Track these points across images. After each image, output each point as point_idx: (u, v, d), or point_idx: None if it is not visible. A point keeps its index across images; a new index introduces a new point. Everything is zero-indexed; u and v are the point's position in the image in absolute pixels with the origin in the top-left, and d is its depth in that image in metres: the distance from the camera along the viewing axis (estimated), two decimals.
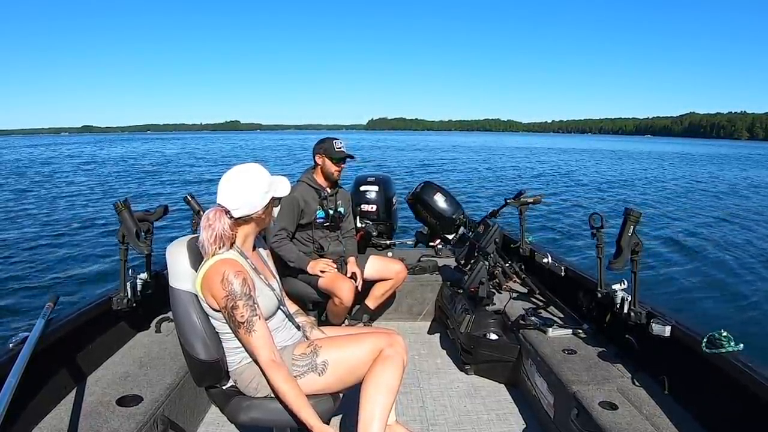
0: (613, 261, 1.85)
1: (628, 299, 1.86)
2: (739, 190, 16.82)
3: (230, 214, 1.35)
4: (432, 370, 2.43)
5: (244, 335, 1.31)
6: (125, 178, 18.07)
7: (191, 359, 1.36)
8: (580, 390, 1.67)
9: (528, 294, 2.67)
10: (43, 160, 28.79)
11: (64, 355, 1.65)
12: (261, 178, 1.40)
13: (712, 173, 24.13)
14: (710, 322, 4.64)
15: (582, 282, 2.30)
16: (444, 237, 3.08)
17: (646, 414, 1.53)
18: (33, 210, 10.63)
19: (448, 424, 1.97)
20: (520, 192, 2.89)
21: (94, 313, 1.82)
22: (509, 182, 17.36)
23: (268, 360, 1.31)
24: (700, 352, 1.46)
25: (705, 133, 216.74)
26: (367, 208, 3.30)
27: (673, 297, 5.43)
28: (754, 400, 1.29)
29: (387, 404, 1.41)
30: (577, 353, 1.97)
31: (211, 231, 1.32)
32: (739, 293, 5.71)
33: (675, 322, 1.67)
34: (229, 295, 1.28)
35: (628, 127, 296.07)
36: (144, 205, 9.05)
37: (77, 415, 1.47)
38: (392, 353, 1.45)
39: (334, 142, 2.54)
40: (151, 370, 1.77)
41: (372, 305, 2.68)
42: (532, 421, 1.99)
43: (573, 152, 43.78)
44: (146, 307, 2.08)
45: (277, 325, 1.46)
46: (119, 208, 1.90)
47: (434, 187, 3.06)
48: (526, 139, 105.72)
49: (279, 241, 2.44)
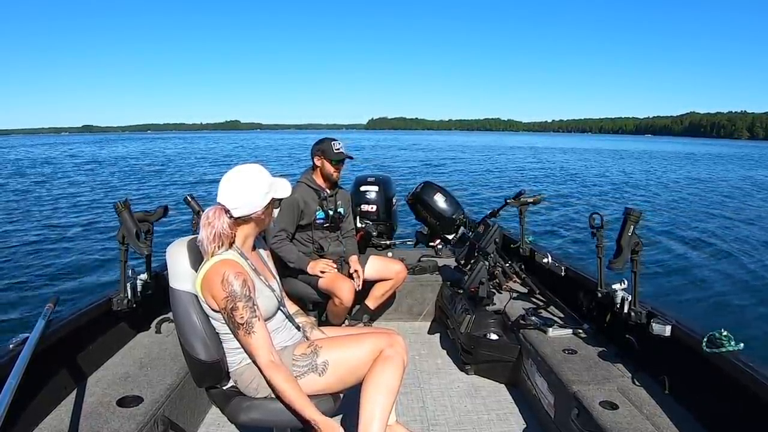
0: (613, 261, 1.85)
1: (628, 299, 1.86)
2: (740, 190, 16.81)
3: (230, 213, 1.36)
4: (432, 370, 2.43)
5: (244, 336, 1.31)
6: (125, 178, 18.08)
7: (191, 360, 1.36)
8: (581, 390, 1.67)
9: (528, 294, 2.67)
10: (43, 160, 28.81)
11: (64, 355, 1.65)
12: (261, 179, 1.40)
13: (713, 173, 24.12)
14: (710, 321, 4.64)
15: (582, 282, 2.30)
16: (444, 237, 3.08)
17: (646, 414, 1.53)
18: (33, 210, 10.63)
19: (449, 424, 1.97)
20: (520, 192, 2.89)
21: (95, 313, 1.82)
22: (509, 182, 17.36)
23: (267, 361, 1.31)
24: (701, 352, 1.46)
25: (705, 133, 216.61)
26: (367, 208, 3.30)
27: (673, 297, 5.42)
28: (754, 400, 1.29)
29: (387, 404, 1.41)
30: (577, 353, 1.96)
31: (211, 229, 1.33)
32: (739, 293, 5.71)
33: (675, 322, 1.67)
34: (229, 296, 1.28)
35: (628, 127, 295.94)
36: (144, 205, 9.05)
37: (77, 416, 1.47)
38: (392, 353, 1.45)
39: (332, 144, 2.52)
40: (151, 371, 1.77)
41: (372, 305, 2.68)
42: (532, 421, 1.99)
43: (573, 152, 43.76)
44: (146, 307, 2.08)
45: (277, 326, 1.46)
46: (119, 208, 1.90)
47: (434, 187, 3.06)
48: (526, 139, 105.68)
49: (279, 242, 2.44)
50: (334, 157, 2.51)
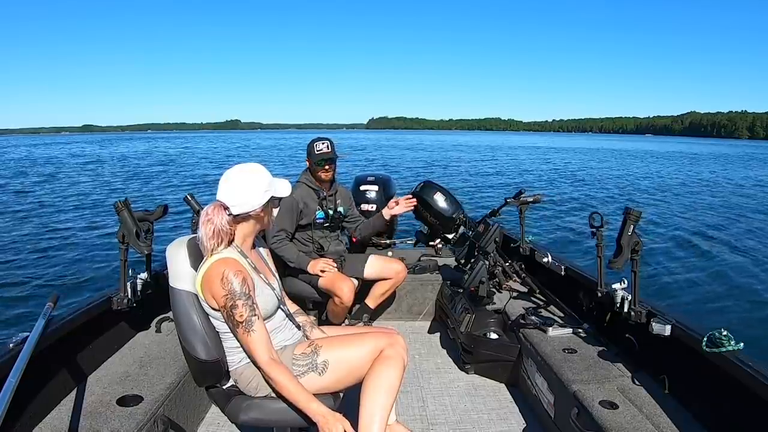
0: (613, 260, 1.85)
1: (628, 298, 1.86)
2: (740, 189, 16.81)
3: (229, 210, 1.36)
4: (432, 369, 2.43)
5: (243, 335, 1.31)
6: (125, 177, 18.09)
7: (191, 359, 1.36)
8: (581, 389, 1.67)
9: (528, 293, 2.67)
10: (44, 159, 28.82)
11: (64, 355, 1.65)
12: (261, 177, 1.40)
13: (713, 172, 24.11)
14: (710, 321, 4.64)
15: (582, 281, 2.30)
16: (444, 236, 3.08)
17: (646, 413, 1.52)
18: (33, 210, 10.63)
19: (449, 424, 1.97)
20: (520, 191, 2.89)
21: (95, 312, 1.82)
22: (509, 182, 17.35)
23: (266, 359, 1.31)
24: (701, 352, 1.46)
25: (705, 132, 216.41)
26: (367, 208, 3.30)
27: (673, 296, 5.42)
28: (754, 400, 1.29)
29: (387, 404, 1.42)
30: (577, 352, 1.96)
31: (210, 226, 1.33)
32: (739, 292, 5.70)
33: (675, 322, 1.66)
34: (229, 294, 1.29)
35: (628, 126, 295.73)
36: (144, 204, 9.05)
37: (77, 415, 1.47)
38: (392, 353, 1.45)
39: (315, 145, 2.53)
40: (151, 370, 1.77)
41: (372, 305, 2.68)
42: (532, 421, 1.99)
43: (573, 151, 43.76)
44: (146, 307, 2.08)
45: (277, 325, 1.47)
46: (119, 208, 1.90)
47: (434, 187, 3.05)
48: (527, 139, 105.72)
49: (278, 241, 2.44)
50: (315, 159, 2.51)
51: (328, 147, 2.52)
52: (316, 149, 2.51)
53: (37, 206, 11.11)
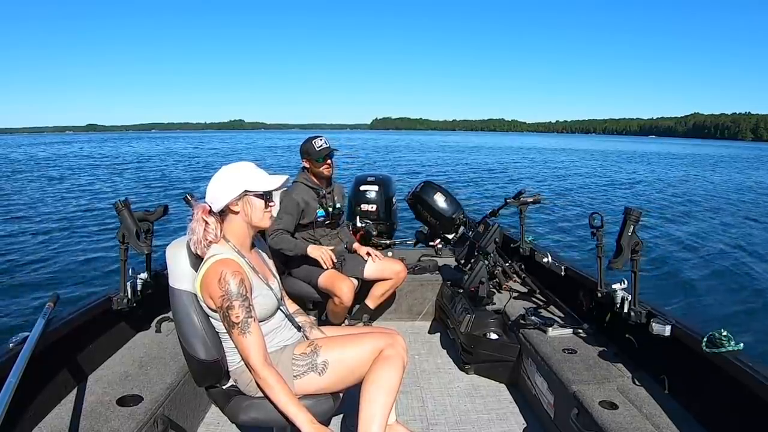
0: (613, 260, 1.85)
1: (628, 299, 1.85)
2: (742, 191, 16.77)
3: (211, 208, 1.38)
4: (432, 369, 2.43)
5: (238, 336, 1.31)
6: (125, 177, 18.10)
7: (191, 359, 1.36)
8: (580, 389, 1.67)
9: (528, 294, 2.66)
10: (45, 159, 28.86)
11: (64, 355, 1.65)
12: (238, 173, 1.39)
13: (715, 173, 24.07)
14: (710, 321, 4.63)
15: (582, 281, 2.29)
16: (444, 237, 3.08)
17: (646, 413, 1.52)
18: (34, 209, 10.65)
19: (449, 424, 1.97)
20: (520, 191, 2.89)
21: (94, 313, 1.83)
22: (509, 182, 17.34)
23: (259, 362, 1.30)
24: (700, 352, 1.45)
25: (709, 134, 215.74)
26: (367, 208, 3.30)
27: (673, 297, 5.41)
28: (754, 400, 1.29)
29: (387, 404, 1.42)
30: (577, 353, 1.96)
31: (195, 225, 1.35)
32: (739, 293, 5.70)
33: (675, 322, 1.66)
34: (226, 294, 1.29)
35: (632, 128, 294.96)
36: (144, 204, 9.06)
37: (77, 415, 1.47)
38: (392, 353, 1.45)
39: (313, 142, 2.54)
40: (151, 370, 1.77)
41: (372, 305, 2.68)
42: (532, 421, 1.99)
43: (575, 152, 43.70)
44: (146, 307, 2.08)
45: (276, 325, 1.47)
46: (119, 207, 1.90)
47: (434, 187, 3.05)
48: (530, 139, 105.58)
49: (276, 236, 2.42)
50: (318, 156, 2.52)
51: (326, 142, 2.55)
52: (316, 146, 2.52)
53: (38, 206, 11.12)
